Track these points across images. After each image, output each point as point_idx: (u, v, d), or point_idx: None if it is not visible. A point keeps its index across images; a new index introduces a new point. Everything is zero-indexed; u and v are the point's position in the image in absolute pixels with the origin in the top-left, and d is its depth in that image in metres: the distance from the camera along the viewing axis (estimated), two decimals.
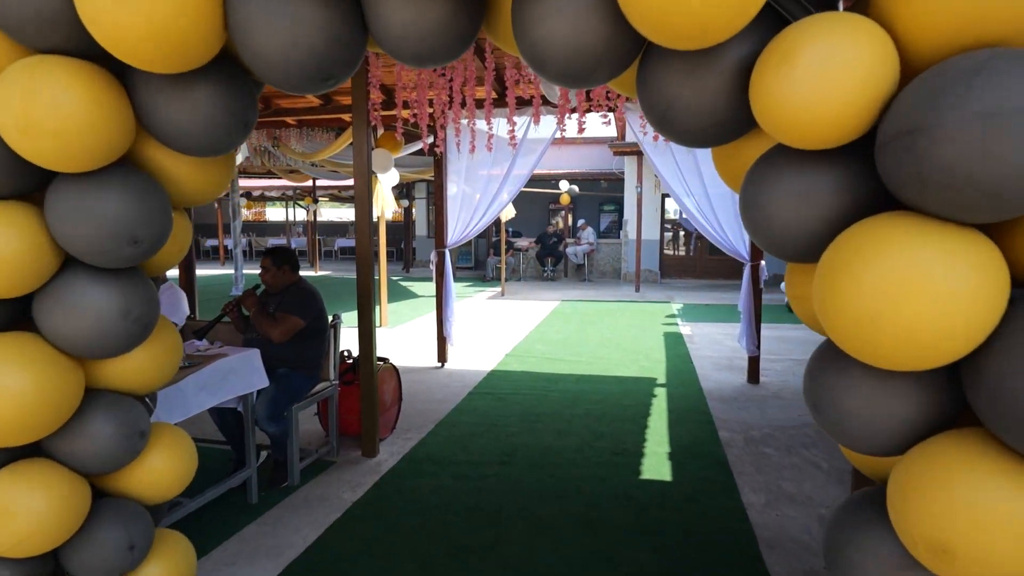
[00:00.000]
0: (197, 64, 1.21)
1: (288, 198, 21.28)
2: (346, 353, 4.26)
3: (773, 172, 1.07)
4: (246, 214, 26.56)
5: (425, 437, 4.27)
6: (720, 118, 1.10)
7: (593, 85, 1.19)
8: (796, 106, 0.97)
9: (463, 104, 3.63)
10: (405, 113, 4.09)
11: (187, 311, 4.03)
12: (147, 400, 1.64)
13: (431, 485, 3.50)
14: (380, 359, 4.26)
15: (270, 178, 16.69)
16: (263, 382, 3.29)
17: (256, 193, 19.92)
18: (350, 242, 22.42)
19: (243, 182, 17.91)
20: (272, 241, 23.46)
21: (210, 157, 1.41)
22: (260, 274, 3.67)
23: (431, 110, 3.92)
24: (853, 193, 1.01)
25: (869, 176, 1.01)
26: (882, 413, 0.98)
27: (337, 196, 20.56)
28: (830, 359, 1.06)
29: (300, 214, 23.74)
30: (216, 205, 21.07)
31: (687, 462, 3.82)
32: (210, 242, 22.64)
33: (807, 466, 3.76)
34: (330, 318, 3.84)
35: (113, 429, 1.45)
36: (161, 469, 1.58)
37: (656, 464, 3.78)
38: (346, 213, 26.74)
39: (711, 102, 1.08)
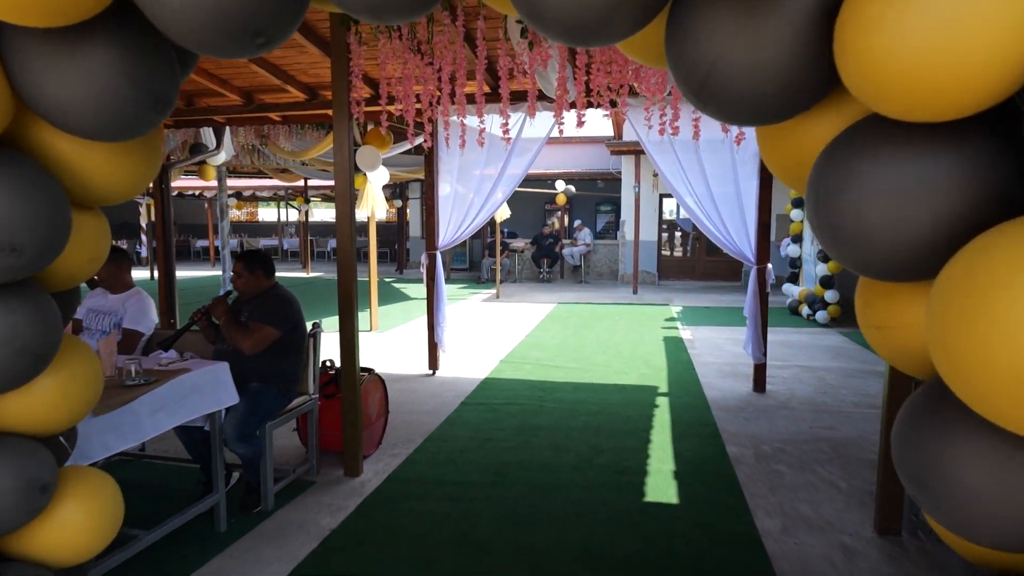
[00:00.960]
0: (82, 15, 0.92)
1: (280, 198, 20.93)
2: (328, 363, 3.97)
3: (864, 155, 0.77)
4: (237, 214, 26.20)
5: (413, 453, 3.97)
6: (784, 81, 0.80)
7: (605, 42, 0.91)
8: (908, 57, 0.66)
9: (452, 95, 3.34)
10: (391, 108, 3.79)
11: (155, 319, 3.72)
12: (61, 440, 1.36)
13: (417, 509, 3.21)
14: (365, 370, 3.97)
15: (261, 178, 16.37)
16: (232, 399, 3.00)
17: (247, 193, 19.55)
18: None
19: (233, 182, 17.59)
20: (264, 242, 23.14)
21: (118, 142, 1.12)
22: (231, 279, 3.38)
23: (419, 105, 3.61)
24: (986, 184, 0.72)
25: (1010, 159, 0.72)
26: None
27: (329, 196, 20.22)
28: (942, 415, 0.77)
29: (292, 214, 23.39)
30: (206, 205, 20.73)
31: (694, 482, 3.54)
32: (200, 243, 22.27)
33: (824, 485, 3.48)
34: (309, 326, 3.55)
35: (7, 482, 1.17)
36: (74, 526, 1.29)
37: (661, 484, 3.50)
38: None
39: (773, 58, 0.79)
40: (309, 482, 3.53)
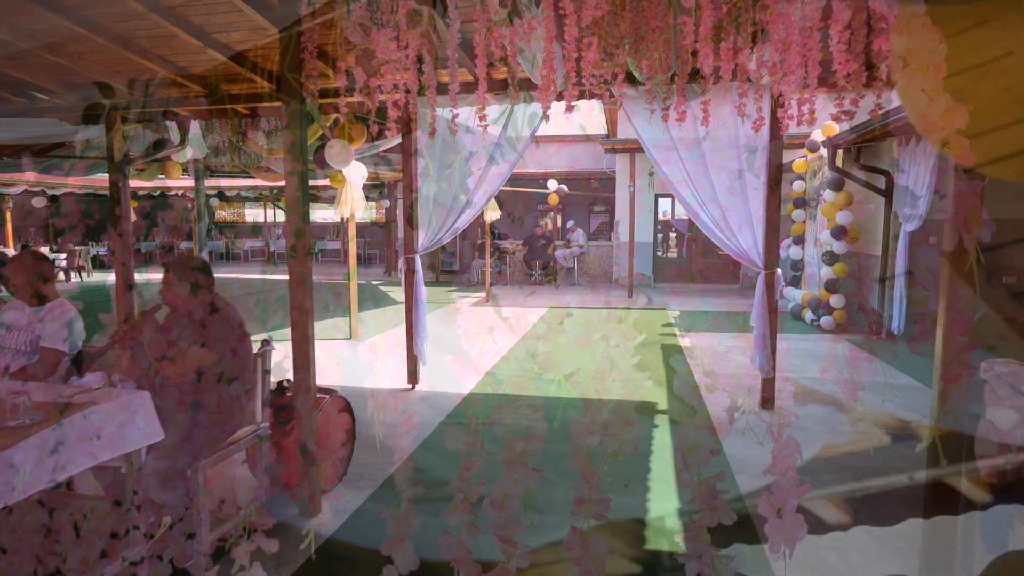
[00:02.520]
0: None
1: (265, 198, 20.36)
2: (285, 383, 3.48)
3: None
4: (224, 215, 25.60)
5: (379, 488, 3.48)
6: None
7: None
8: None
9: (420, 72, 2.85)
10: (351, 99, 3.29)
11: (82, 334, 3.22)
12: None
13: (378, 563, 2.72)
14: (325, 391, 3.48)
15: (245, 177, 15.83)
16: (155, 435, 2.50)
17: (231, 193, 18.99)
18: (334, 244, 21.67)
19: (217, 181, 17.05)
20: (250, 243, 22.57)
21: None
22: (160, 291, 2.88)
23: (385, 96, 3.11)
24: None
25: None
26: None
27: (316, 197, 19.70)
28: None
29: (280, 215, 22.85)
30: (190, 206, 20.13)
31: (703, 525, 3.06)
32: (185, 244, 21.68)
33: (852, 528, 3.01)
34: (258, 344, 3.06)
35: None
36: None
37: (665, 529, 3.02)
38: (327, 214, 25.82)
39: None
40: (257, 525, 3.03)
